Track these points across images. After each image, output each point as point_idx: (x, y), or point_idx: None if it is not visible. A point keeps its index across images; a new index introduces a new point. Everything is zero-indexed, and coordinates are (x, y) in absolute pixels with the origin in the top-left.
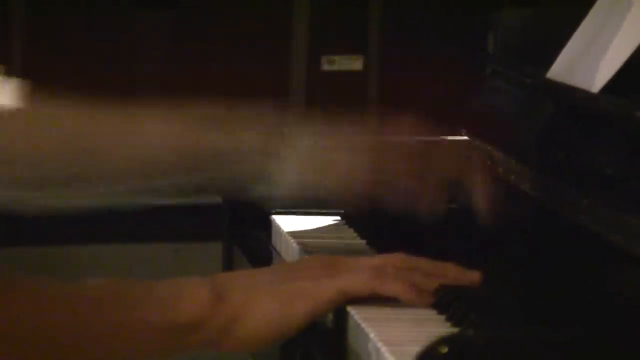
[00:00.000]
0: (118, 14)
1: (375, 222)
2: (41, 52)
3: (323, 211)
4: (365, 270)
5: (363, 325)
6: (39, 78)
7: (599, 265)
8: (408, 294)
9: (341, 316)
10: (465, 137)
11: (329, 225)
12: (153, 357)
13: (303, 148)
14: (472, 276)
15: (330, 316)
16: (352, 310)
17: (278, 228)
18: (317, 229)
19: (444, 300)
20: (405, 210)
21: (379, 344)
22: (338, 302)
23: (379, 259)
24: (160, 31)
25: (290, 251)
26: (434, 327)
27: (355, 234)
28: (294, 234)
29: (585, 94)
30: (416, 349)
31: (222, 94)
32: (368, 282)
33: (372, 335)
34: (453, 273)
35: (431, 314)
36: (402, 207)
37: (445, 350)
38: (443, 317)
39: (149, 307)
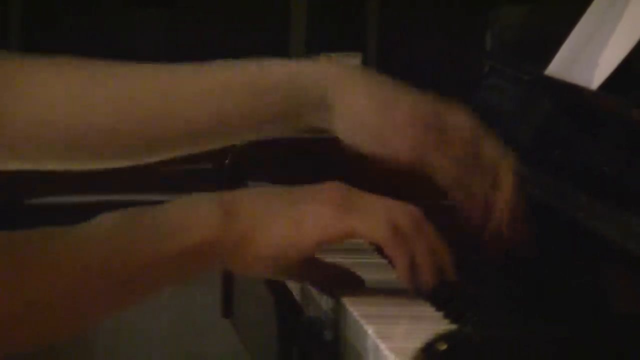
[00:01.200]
0: (116, 13)
1: None
2: (39, 51)
3: None
4: (383, 222)
5: (361, 321)
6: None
7: (597, 264)
8: (406, 276)
9: (339, 312)
10: None
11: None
12: (165, 285)
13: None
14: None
15: (328, 312)
16: (350, 307)
17: None
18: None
19: (442, 297)
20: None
21: (378, 341)
22: (347, 238)
23: (397, 208)
24: (158, 30)
25: None
26: (432, 324)
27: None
28: None
29: (584, 91)
30: (415, 346)
31: None
32: (382, 238)
33: (370, 332)
34: (446, 260)
35: (429, 311)
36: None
37: (443, 347)
38: (441, 314)
39: (159, 237)
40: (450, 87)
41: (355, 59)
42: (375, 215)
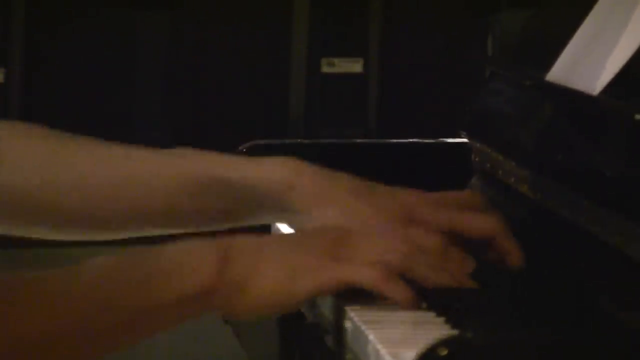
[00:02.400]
0: (117, 15)
1: None
2: (41, 53)
3: None
4: (373, 265)
5: (362, 327)
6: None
7: (598, 268)
8: (409, 304)
9: (340, 318)
10: (465, 140)
11: None
12: (162, 330)
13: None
14: (469, 284)
15: (329, 317)
16: (351, 312)
17: (278, 232)
18: None
19: (443, 302)
20: None
21: (379, 346)
22: (339, 289)
23: (388, 245)
24: (159, 33)
25: None
26: (433, 329)
27: None
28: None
29: (585, 96)
30: (415, 351)
31: (222, 96)
32: (373, 280)
33: (371, 337)
34: (454, 268)
35: (430, 315)
36: None
37: (444, 352)
38: (442, 319)
39: (155, 284)
40: (452, 92)
41: (357, 64)
42: (365, 261)
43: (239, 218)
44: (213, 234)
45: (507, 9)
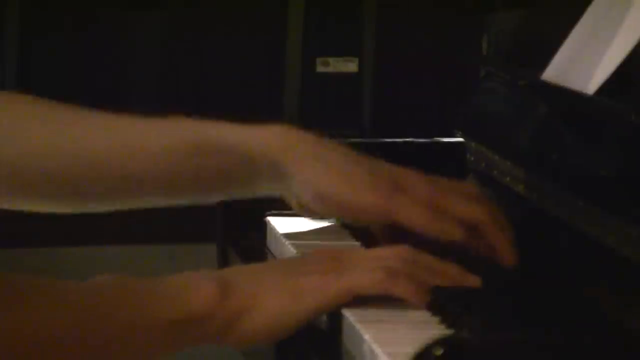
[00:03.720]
0: (113, 16)
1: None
2: (35, 54)
3: None
4: (375, 269)
5: (358, 326)
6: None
7: (593, 268)
8: (419, 297)
9: (336, 318)
10: (460, 139)
11: (325, 228)
12: (159, 354)
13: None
14: (472, 280)
15: (324, 318)
16: (346, 312)
17: (273, 230)
18: (312, 231)
19: (439, 302)
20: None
21: (374, 346)
22: (346, 300)
23: (385, 254)
24: (155, 33)
25: (285, 253)
26: (428, 328)
27: (351, 237)
28: (289, 236)
29: (580, 95)
30: (411, 350)
31: (216, 96)
32: (379, 282)
33: (366, 337)
34: (453, 272)
35: (426, 315)
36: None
37: (440, 352)
38: (437, 318)
39: (155, 305)
40: (447, 91)
41: (352, 63)
42: (366, 268)
43: (236, 184)
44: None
45: (502, 9)
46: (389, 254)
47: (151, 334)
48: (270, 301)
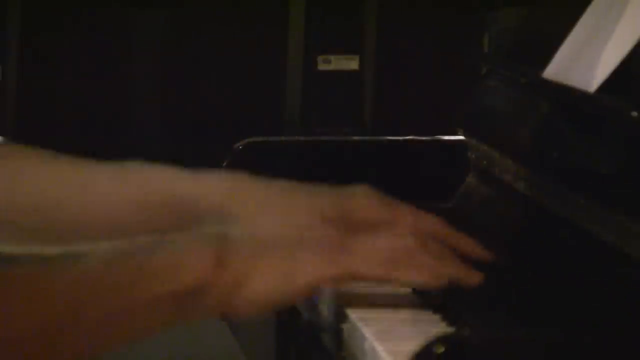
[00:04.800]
0: (114, 15)
1: None
2: (37, 51)
3: None
4: (377, 254)
5: (359, 324)
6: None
7: (594, 266)
8: (422, 277)
9: (337, 315)
10: (461, 137)
11: None
12: (156, 329)
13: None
14: (474, 276)
15: (326, 314)
16: (348, 310)
17: None
18: None
19: (440, 300)
20: None
21: (375, 343)
22: (343, 281)
23: (392, 238)
24: (156, 32)
25: None
26: (429, 326)
27: None
28: None
29: (582, 93)
30: (412, 348)
31: (218, 93)
32: (378, 268)
33: (368, 335)
34: (458, 264)
35: (427, 313)
36: None
37: (441, 349)
38: (438, 316)
39: (149, 281)
40: (448, 89)
41: (353, 61)
42: (370, 253)
43: (181, 230)
44: None
45: (503, 7)
46: (395, 243)
47: (143, 312)
48: (265, 275)
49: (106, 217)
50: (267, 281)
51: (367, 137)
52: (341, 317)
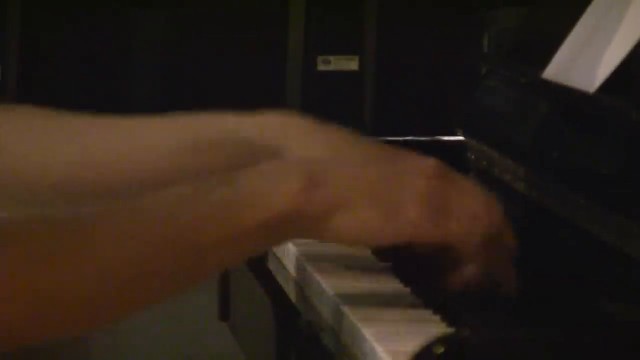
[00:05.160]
0: (114, 14)
1: None
2: (37, 51)
3: None
4: (476, 234)
5: (359, 324)
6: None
7: (595, 265)
8: (511, 282)
9: (337, 315)
10: (461, 137)
11: None
12: (241, 258)
13: None
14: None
15: (325, 315)
16: (347, 310)
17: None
18: None
19: (440, 300)
20: None
21: (375, 344)
22: (436, 244)
23: (487, 214)
24: (156, 31)
25: (286, 253)
26: (429, 327)
27: None
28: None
29: (582, 93)
30: (412, 348)
31: (218, 93)
32: (476, 250)
33: (367, 335)
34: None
35: (427, 313)
36: None
37: (441, 350)
38: (438, 317)
39: (235, 208)
40: (447, 89)
41: (353, 61)
42: (469, 223)
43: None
44: None
45: (503, 7)
46: (493, 215)
47: (236, 241)
48: (360, 211)
49: (159, 165)
50: (358, 220)
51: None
52: (340, 317)
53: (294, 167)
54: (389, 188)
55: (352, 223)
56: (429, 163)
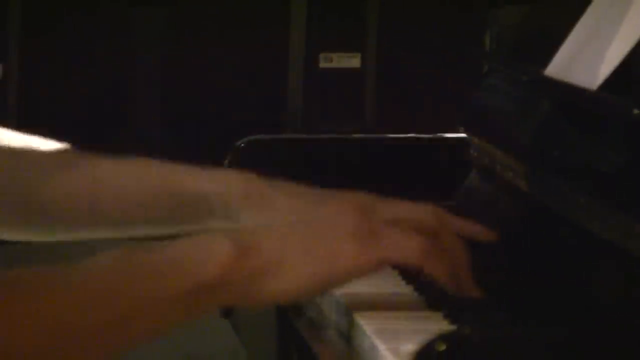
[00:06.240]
0: (114, 12)
1: None
2: (38, 49)
3: None
4: (409, 242)
5: (361, 322)
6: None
7: (595, 264)
8: (449, 282)
9: (338, 313)
10: (463, 135)
11: None
12: (181, 321)
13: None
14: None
15: (327, 312)
16: (349, 307)
17: None
18: None
19: (441, 297)
20: None
21: (377, 341)
22: (377, 269)
23: (419, 232)
24: (156, 29)
25: None
26: (431, 324)
27: None
28: None
29: (584, 91)
30: (413, 346)
31: (219, 91)
32: (416, 258)
33: (369, 333)
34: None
35: (428, 311)
36: None
37: (442, 347)
38: (440, 314)
39: (168, 275)
40: (450, 87)
41: (354, 59)
42: (402, 241)
43: (188, 225)
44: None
45: (504, 5)
46: (426, 232)
47: (168, 305)
48: (297, 263)
49: (119, 209)
50: (299, 273)
51: (368, 135)
52: (342, 314)
53: (224, 237)
54: (319, 236)
55: (288, 285)
56: (352, 198)
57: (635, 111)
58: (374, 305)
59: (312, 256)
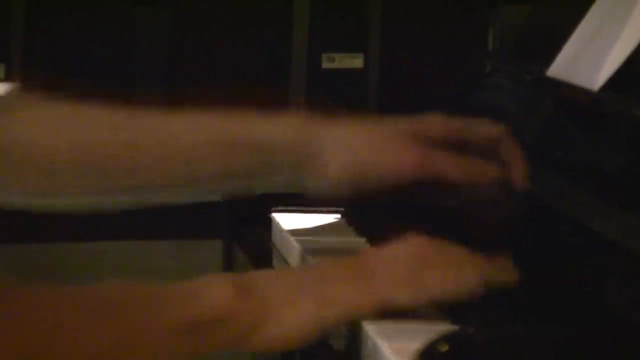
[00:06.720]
0: (117, 11)
1: (375, 220)
2: (41, 49)
3: (323, 209)
4: (407, 283)
5: (363, 322)
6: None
7: (597, 263)
8: (434, 317)
9: None
10: None
11: (329, 224)
12: (173, 359)
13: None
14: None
15: None
16: None
17: (278, 226)
18: (317, 227)
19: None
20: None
21: (379, 342)
22: (374, 311)
23: (406, 246)
24: (160, 29)
25: (290, 249)
26: (433, 324)
27: (355, 233)
28: (294, 232)
29: (586, 91)
30: (416, 346)
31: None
32: (412, 298)
33: (371, 333)
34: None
35: (430, 311)
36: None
37: (445, 348)
38: (442, 314)
39: (165, 307)
40: (452, 86)
41: (357, 59)
42: (400, 281)
43: (259, 174)
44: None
45: (507, 4)
46: (420, 269)
47: (162, 338)
48: (296, 308)
49: (183, 159)
50: (297, 317)
51: None
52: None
53: (224, 278)
54: (318, 280)
55: (293, 322)
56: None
57: (637, 111)
58: None
59: (309, 302)
